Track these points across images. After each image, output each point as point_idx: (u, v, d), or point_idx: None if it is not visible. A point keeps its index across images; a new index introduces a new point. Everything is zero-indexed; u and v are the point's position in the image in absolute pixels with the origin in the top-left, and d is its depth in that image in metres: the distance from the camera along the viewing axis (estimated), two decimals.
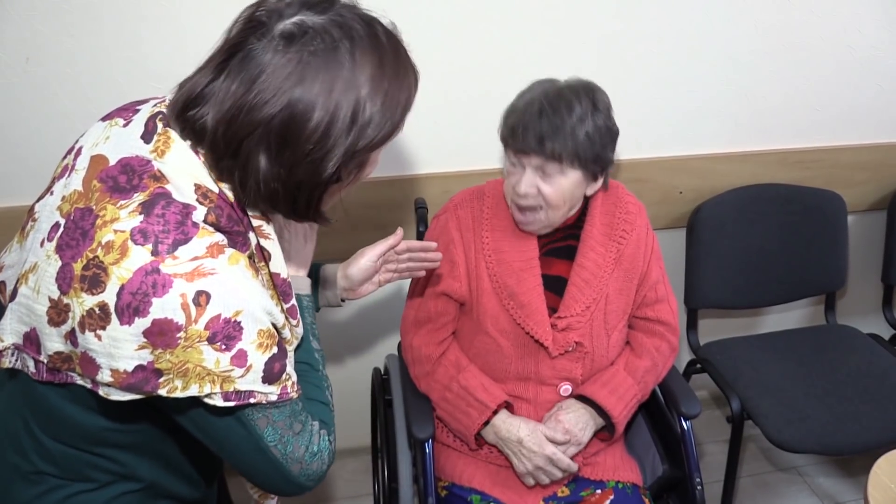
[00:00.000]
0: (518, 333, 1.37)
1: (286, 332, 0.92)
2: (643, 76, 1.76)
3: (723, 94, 1.84)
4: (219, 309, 0.78)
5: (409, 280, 1.47)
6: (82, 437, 0.89)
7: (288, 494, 0.94)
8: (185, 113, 0.83)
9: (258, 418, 0.85)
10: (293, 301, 0.95)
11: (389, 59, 0.85)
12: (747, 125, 1.90)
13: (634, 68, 1.74)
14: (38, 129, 1.50)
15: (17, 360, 0.86)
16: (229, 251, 0.82)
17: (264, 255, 0.91)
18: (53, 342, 0.82)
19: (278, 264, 0.92)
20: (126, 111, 0.91)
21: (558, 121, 1.25)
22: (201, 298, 0.77)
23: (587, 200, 1.41)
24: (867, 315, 2.22)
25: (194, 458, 0.99)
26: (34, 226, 0.88)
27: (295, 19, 0.81)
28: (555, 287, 1.39)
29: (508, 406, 1.42)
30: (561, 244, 1.41)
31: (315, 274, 1.22)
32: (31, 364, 0.85)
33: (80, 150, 0.89)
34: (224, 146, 0.81)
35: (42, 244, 0.84)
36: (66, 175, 0.88)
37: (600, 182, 1.36)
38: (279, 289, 0.92)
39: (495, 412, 1.39)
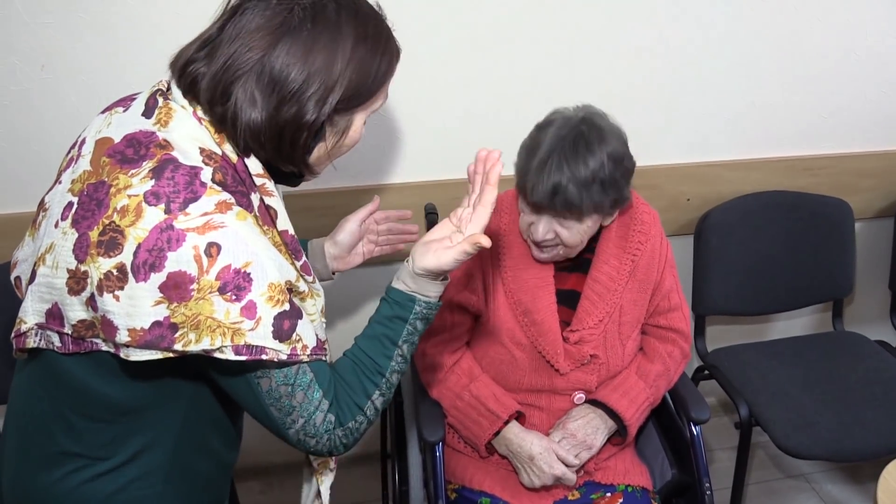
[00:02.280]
0: (532, 348, 1.38)
1: (302, 286, 0.94)
2: (651, 84, 1.77)
3: (730, 101, 1.84)
4: (229, 259, 0.82)
5: None
6: (108, 407, 0.91)
7: (294, 447, 0.96)
8: (186, 68, 0.88)
9: (261, 379, 0.88)
10: (305, 258, 0.97)
11: (370, 22, 0.91)
12: (754, 132, 1.91)
13: (643, 76, 1.75)
14: (52, 134, 1.51)
15: (40, 340, 0.89)
16: (237, 208, 0.86)
17: (270, 214, 0.93)
18: (76, 311, 0.85)
19: (284, 221, 0.95)
20: (124, 101, 0.96)
21: (571, 174, 1.21)
22: (212, 250, 0.81)
23: None
24: (875, 322, 2.22)
25: (217, 427, 1.01)
26: (45, 215, 0.92)
27: None
28: (568, 300, 1.39)
29: (520, 416, 1.42)
30: (576, 258, 1.40)
31: (304, 249, 1.24)
32: (55, 339, 0.88)
33: (83, 140, 0.94)
34: (218, 90, 0.86)
35: (56, 225, 0.87)
36: (73, 164, 0.92)
37: (616, 213, 1.36)
38: (289, 246, 0.94)
39: (506, 423, 1.39)
